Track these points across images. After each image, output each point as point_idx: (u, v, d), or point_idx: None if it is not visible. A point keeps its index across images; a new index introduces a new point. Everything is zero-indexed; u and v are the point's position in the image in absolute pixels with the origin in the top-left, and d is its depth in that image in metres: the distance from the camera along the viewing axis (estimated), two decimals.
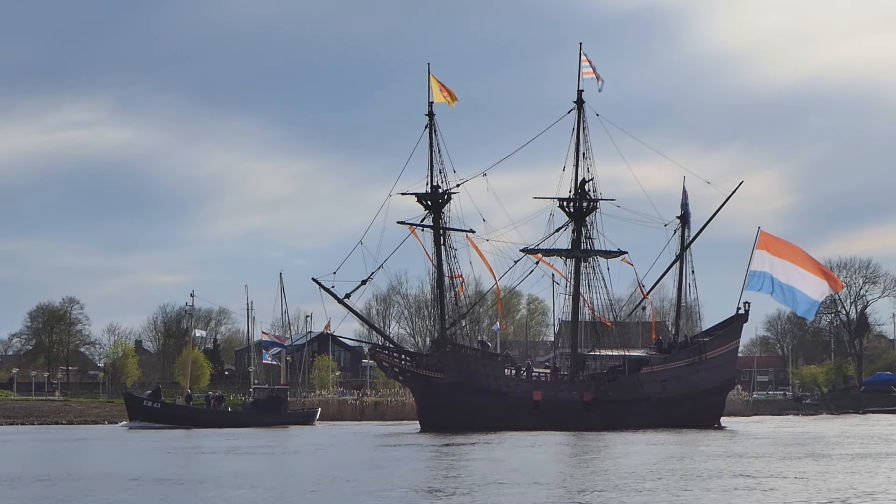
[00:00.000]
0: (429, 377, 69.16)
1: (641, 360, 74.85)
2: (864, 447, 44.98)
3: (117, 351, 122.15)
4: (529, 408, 69.63)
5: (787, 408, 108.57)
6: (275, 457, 42.59)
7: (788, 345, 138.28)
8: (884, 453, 40.78)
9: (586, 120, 73.28)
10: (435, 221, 71.29)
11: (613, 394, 72.06)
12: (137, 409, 76.90)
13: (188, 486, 28.97)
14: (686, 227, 77.78)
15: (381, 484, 29.01)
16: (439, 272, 71.31)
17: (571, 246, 73.36)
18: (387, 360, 70.87)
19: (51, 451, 48.40)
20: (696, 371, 74.15)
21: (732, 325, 77.60)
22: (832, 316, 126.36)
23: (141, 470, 34.15)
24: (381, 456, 41.94)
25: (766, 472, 32.09)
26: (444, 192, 71.12)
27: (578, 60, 73.26)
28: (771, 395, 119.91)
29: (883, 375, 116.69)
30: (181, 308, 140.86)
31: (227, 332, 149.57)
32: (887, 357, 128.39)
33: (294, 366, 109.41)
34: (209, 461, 40.21)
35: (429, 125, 71.28)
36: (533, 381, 72.35)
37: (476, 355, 71.33)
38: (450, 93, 71.28)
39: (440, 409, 68.41)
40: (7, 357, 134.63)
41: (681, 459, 37.85)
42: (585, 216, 73.34)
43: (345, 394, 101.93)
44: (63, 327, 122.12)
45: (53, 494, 26.83)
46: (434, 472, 33.04)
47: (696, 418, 71.18)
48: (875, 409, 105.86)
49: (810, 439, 52.27)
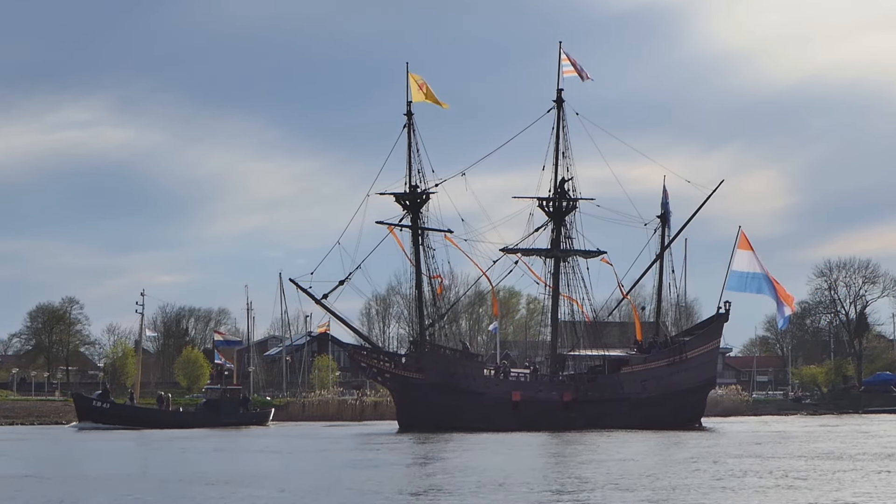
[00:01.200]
0: (407, 378, 69.01)
1: (621, 360, 74.65)
2: (812, 446, 45.40)
3: (117, 351, 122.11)
4: (508, 408, 69.54)
5: (786, 408, 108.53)
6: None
7: (788, 345, 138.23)
8: (824, 452, 41.01)
9: (566, 119, 73.34)
10: (413, 221, 71.26)
11: (593, 394, 71.88)
12: (87, 409, 75.51)
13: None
14: (666, 227, 77.49)
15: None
16: (417, 272, 71.18)
17: (551, 245, 73.30)
18: (365, 361, 70.75)
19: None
20: (677, 371, 73.98)
21: (713, 325, 77.51)
22: (832, 316, 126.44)
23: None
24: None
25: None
26: (423, 191, 71.06)
27: (558, 59, 73.18)
28: (771, 395, 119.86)
29: (883, 375, 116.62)
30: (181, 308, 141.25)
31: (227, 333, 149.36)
32: (887, 357, 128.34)
33: (294, 366, 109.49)
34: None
35: (407, 125, 71.28)
36: (512, 382, 72.23)
37: (455, 356, 71.23)
38: (429, 94, 71.02)
39: (419, 409, 68.35)
40: (7, 357, 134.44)
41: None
42: (565, 216, 73.28)
43: (344, 394, 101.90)
44: (63, 327, 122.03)
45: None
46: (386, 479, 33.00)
47: (676, 418, 71.09)
48: (875, 408, 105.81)
49: (773, 439, 52.54)
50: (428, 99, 71.10)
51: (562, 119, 73.16)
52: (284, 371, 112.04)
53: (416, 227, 71.14)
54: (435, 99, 71.30)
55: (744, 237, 76.21)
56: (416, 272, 71.28)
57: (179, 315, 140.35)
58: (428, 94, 70.95)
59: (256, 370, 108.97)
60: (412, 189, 71.12)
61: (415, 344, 71.89)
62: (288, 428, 75.87)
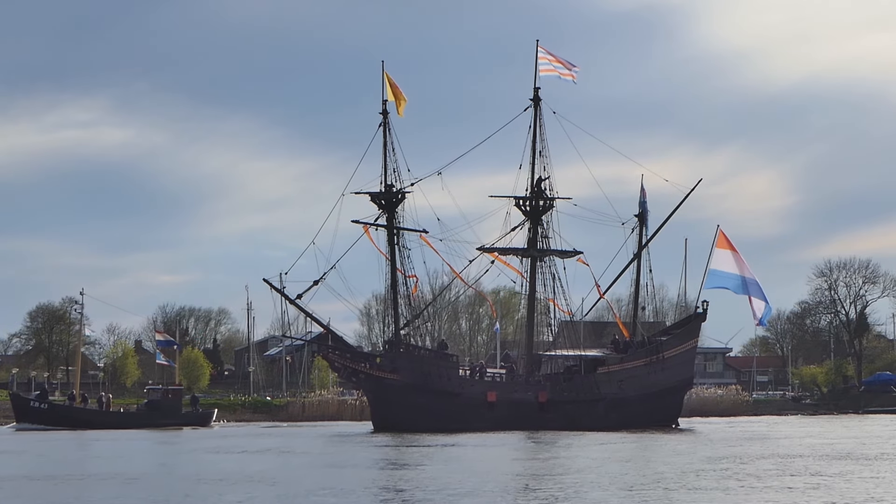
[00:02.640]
0: (382, 378, 68.78)
1: (598, 360, 74.26)
2: (777, 447, 45.36)
3: (117, 351, 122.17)
4: (483, 408, 69.15)
5: (786, 408, 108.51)
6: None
7: (788, 345, 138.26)
8: (784, 453, 40.89)
9: (543, 118, 73.07)
10: (389, 221, 70.99)
11: (569, 394, 71.54)
12: (24, 410, 74.50)
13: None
14: (644, 227, 77.29)
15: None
16: (392, 272, 71.03)
17: (527, 245, 73.01)
18: (339, 361, 70.46)
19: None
20: (654, 371, 73.44)
21: (690, 325, 77.14)
22: (832, 316, 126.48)
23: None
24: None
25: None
26: (398, 191, 70.88)
27: (535, 58, 72.96)
28: (770, 395, 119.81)
29: (883, 375, 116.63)
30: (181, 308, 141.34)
31: (227, 333, 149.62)
32: (887, 357, 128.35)
33: (294, 366, 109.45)
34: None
35: (383, 123, 71.05)
36: (487, 382, 71.95)
37: (429, 356, 71.01)
38: (398, 95, 70.97)
39: (393, 409, 68.04)
40: (7, 357, 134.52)
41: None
42: (541, 215, 72.97)
43: (344, 394, 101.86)
44: (63, 327, 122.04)
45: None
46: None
47: (653, 418, 70.82)
48: (875, 409, 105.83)
49: (746, 440, 52.50)
50: (395, 98, 70.91)
51: (539, 118, 72.87)
52: (284, 371, 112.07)
53: (391, 226, 70.85)
54: (400, 97, 71.11)
55: (722, 236, 75.83)
56: (392, 272, 70.98)
57: (179, 315, 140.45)
58: (395, 93, 70.79)
59: (256, 370, 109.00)
60: (387, 188, 70.83)
61: (389, 344, 71.38)
62: (232, 428, 75.16)
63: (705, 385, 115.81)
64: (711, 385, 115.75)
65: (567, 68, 73.68)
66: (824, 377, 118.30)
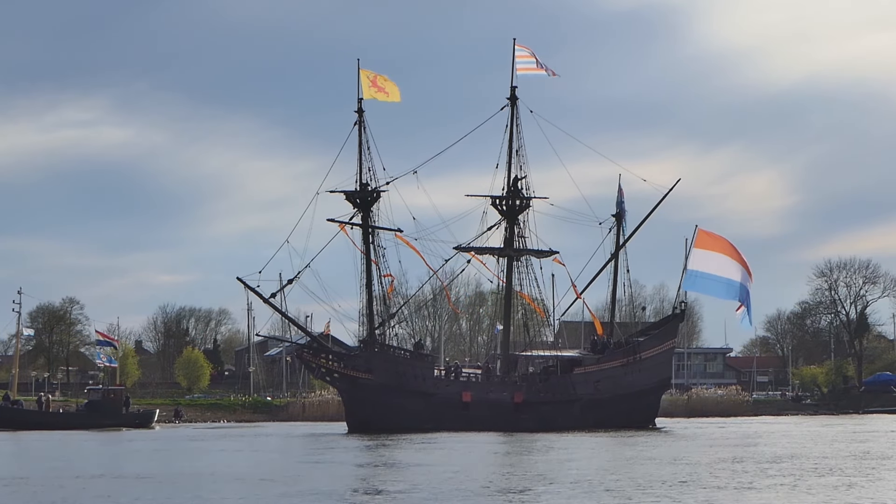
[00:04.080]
0: (356, 378, 68.53)
1: (574, 361, 74.12)
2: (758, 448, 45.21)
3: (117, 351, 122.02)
4: (459, 409, 68.97)
5: (786, 408, 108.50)
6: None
7: (788, 345, 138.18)
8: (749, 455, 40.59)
9: (520, 117, 72.90)
10: (364, 220, 70.82)
11: (545, 394, 71.35)
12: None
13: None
14: (621, 226, 77.06)
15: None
16: (367, 271, 70.84)
17: (504, 244, 72.88)
18: (314, 362, 70.21)
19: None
20: (630, 371, 73.22)
21: (668, 325, 77.01)
22: (832, 316, 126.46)
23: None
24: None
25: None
26: (374, 189, 70.72)
27: (512, 57, 72.74)
28: (770, 395, 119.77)
29: (883, 375, 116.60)
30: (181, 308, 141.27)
31: (227, 333, 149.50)
32: (887, 357, 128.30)
33: (294, 366, 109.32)
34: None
35: (358, 122, 70.92)
36: (462, 382, 71.73)
37: (405, 356, 70.80)
38: (380, 89, 70.80)
39: (368, 410, 67.81)
40: (7, 357, 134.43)
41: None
42: (518, 214, 72.80)
43: None
44: (63, 327, 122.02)
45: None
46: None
47: (630, 419, 70.55)
48: (875, 409, 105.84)
49: (722, 441, 52.31)
50: (380, 95, 70.73)
51: (516, 117, 72.72)
52: (285, 371, 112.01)
53: (366, 225, 70.71)
54: (387, 94, 70.93)
55: (703, 235, 75.52)
56: (367, 271, 70.81)
57: (180, 315, 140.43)
58: (384, 89, 70.59)
59: (257, 370, 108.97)
60: (363, 187, 70.71)
61: (364, 344, 71.11)
62: (172, 430, 74.30)
63: (705, 385, 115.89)
64: (711, 385, 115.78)
65: (544, 67, 73.40)
66: (825, 377, 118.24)
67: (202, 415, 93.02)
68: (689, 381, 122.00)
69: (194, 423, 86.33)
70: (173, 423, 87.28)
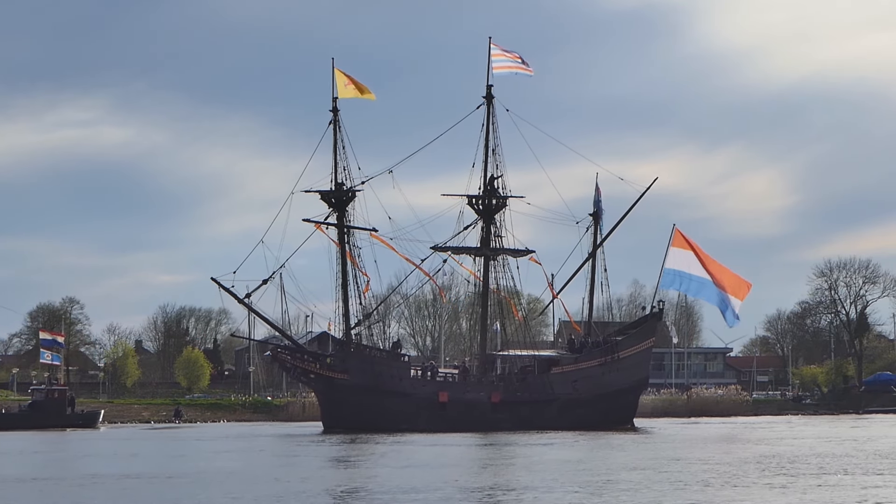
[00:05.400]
0: (332, 378, 68.37)
1: (552, 360, 74.00)
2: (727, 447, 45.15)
3: (117, 351, 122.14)
4: (435, 409, 68.94)
5: (786, 408, 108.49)
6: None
7: (788, 345, 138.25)
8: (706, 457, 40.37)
9: (496, 116, 72.80)
10: (339, 219, 70.67)
11: (523, 394, 71.24)
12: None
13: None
14: (599, 226, 76.92)
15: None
16: (343, 271, 70.68)
17: (480, 244, 72.82)
18: (289, 362, 69.97)
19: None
20: (608, 371, 73.08)
21: (646, 325, 76.82)
22: (832, 316, 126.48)
23: None
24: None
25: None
26: (349, 189, 70.58)
27: (487, 55, 72.58)
28: (771, 395, 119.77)
29: (883, 375, 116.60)
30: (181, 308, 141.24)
31: (227, 333, 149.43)
32: (887, 357, 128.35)
33: None
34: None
35: (333, 121, 70.84)
36: (439, 382, 71.69)
37: (381, 356, 70.54)
38: (359, 86, 70.84)
39: (344, 410, 67.65)
40: (7, 357, 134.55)
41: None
42: (494, 214, 72.73)
43: None
44: (63, 327, 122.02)
45: None
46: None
47: (608, 419, 70.49)
48: (875, 409, 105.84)
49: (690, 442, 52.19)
50: (357, 92, 70.77)
51: (492, 116, 72.62)
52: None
53: (341, 225, 70.55)
54: (362, 91, 71.00)
55: (679, 235, 75.47)
56: (342, 271, 70.62)
57: (180, 315, 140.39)
58: (358, 88, 70.68)
59: (257, 370, 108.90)
60: (338, 186, 70.61)
61: (340, 344, 70.92)
62: (116, 431, 73.44)
63: (705, 385, 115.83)
64: (711, 385, 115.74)
65: (523, 62, 73.33)
66: (825, 377, 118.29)
67: (202, 415, 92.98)
68: (690, 380, 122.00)
69: (194, 423, 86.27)
70: (173, 422, 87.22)
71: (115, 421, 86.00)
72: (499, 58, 72.24)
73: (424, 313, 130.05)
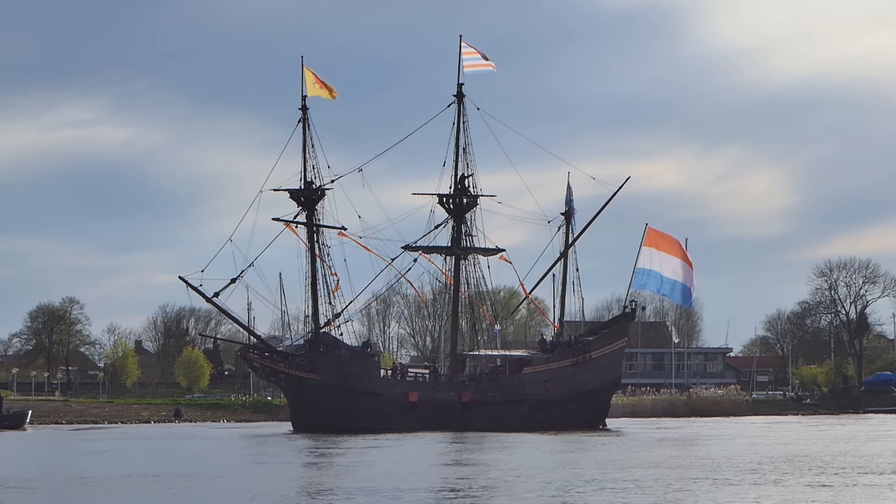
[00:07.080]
0: (301, 378, 68.16)
1: (523, 360, 73.79)
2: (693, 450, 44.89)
3: (117, 351, 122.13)
4: (405, 409, 68.76)
5: (786, 408, 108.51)
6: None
7: (788, 345, 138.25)
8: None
9: (467, 114, 72.65)
10: (308, 218, 70.49)
11: (493, 394, 71.09)
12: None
13: None
14: (570, 225, 76.79)
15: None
16: (312, 270, 70.51)
17: (451, 243, 72.74)
18: (258, 361, 69.78)
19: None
20: (580, 371, 72.78)
21: (618, 325, 76.75)
22: (832, 316, 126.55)
23: None
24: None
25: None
26: (318, 188, 70.40)
27: (458, 54, 72.45)
28: (770, 395, 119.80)
29: (883, 375, 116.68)
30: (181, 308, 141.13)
31: (227, 333, 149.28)
32: (887, 357, 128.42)
33: None
34: None
35: (302, 119, 70.77)
36: (409, 382, 71.58)
37: (350, 355, 70.29)
38: (326, 86, 70.96)
39: (313, 410, 67.44)
40: (7, 357, 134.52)
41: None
42: (465, 213, 72.63)
43: None
44: (63, 327, 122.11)
45: None
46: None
47: (579, 419, 70.36)
48: (875, 409, 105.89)
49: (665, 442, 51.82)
50: (323, 92, 70.91)
51: (462, 114, 72.48)
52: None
53: (310, 224, 70.36)
54: (327, 90, 71.12)
55: (651, 234, 75.39)
56: (311, 270, 70.49)
57: (179, 315, 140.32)
58: (326, 88, 70.84)
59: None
60: (307, 185, 70.46)
61: (309, 343, 70.63)
62: (45, 432, 71.57)
63: (705, 385, 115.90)
64: (711, 385, 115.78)
65: (485, 59, 73.33)
66: (825, 377, 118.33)
67: (202, 415, 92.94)
68: (689, 380, 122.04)
69: (193, 423, 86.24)
70: (174, 422, 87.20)
71: (116, 421, 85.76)
72: (469, 56, 72.28)
73: (424, 313, 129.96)
